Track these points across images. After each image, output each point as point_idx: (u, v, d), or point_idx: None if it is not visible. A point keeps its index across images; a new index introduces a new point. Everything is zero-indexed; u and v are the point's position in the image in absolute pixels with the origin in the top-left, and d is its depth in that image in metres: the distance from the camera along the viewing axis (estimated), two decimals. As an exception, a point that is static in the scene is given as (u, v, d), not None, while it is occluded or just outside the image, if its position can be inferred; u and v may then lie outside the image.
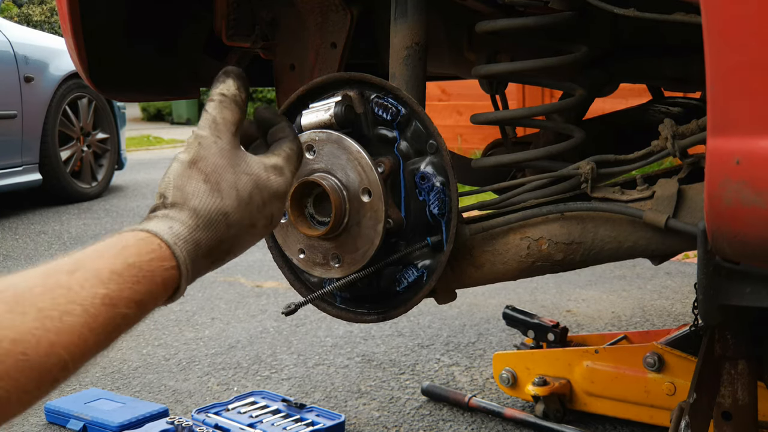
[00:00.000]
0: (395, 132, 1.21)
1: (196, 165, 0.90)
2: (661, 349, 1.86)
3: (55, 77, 5.73)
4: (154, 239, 0.82)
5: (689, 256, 3.75)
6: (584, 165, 1.22)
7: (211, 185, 0.89)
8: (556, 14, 1.26)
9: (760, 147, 0.82)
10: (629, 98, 2.40)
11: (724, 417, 1.39)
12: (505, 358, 2.11)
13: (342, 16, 1.49)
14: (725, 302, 1.01)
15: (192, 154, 0.90)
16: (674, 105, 1.83)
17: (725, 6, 0.83)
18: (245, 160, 0.93)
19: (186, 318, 3.11)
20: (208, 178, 0.89)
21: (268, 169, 0.95)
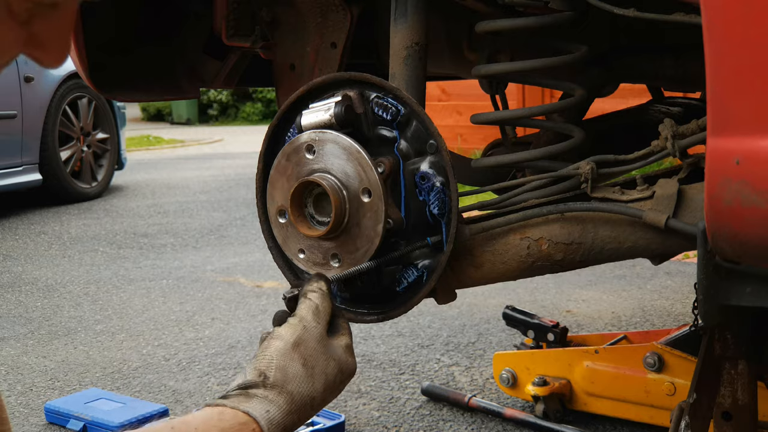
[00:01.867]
0: (395, 132, 1.21)
1: (298, 348, 0.98)
2: (661, 349, 1.86)
3: (55, 77, 5.73)
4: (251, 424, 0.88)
5: (689, 256, 3.75)
6: (584, 165, 1.22)
7: (308, 370, 0.97)
8: (556, 14, 1.26)
9: (760, 147, 0.82)
10: (629, 98, 2.40)
11: (724, 417, 1.39)
12: (505, 358, 2.11)
13: (342, 16, 1.49)
14: (725, 302, 1.01)
15: (296, 336, 0.99)
16: (674, 105, 1.83)
17: (725, 6, 0.83)
18: (332, 344, 1.03)
19: (186, 318, 3.11)
20: (307, 362, 0.97)
21: (346, 351, 1.04)
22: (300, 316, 1.02)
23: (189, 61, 1.75)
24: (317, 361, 0.98)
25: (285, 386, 0.94)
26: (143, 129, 16.30)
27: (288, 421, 0.93)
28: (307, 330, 1.00)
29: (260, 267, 3.95)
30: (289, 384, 0.94)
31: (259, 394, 0.92)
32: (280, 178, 1.23)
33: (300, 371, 0.96)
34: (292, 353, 0.97)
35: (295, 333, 0.99)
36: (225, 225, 5.14)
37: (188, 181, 7.42)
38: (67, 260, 4.20)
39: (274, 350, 0.97)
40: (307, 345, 0.99)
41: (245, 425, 0.87)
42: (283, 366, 0.95)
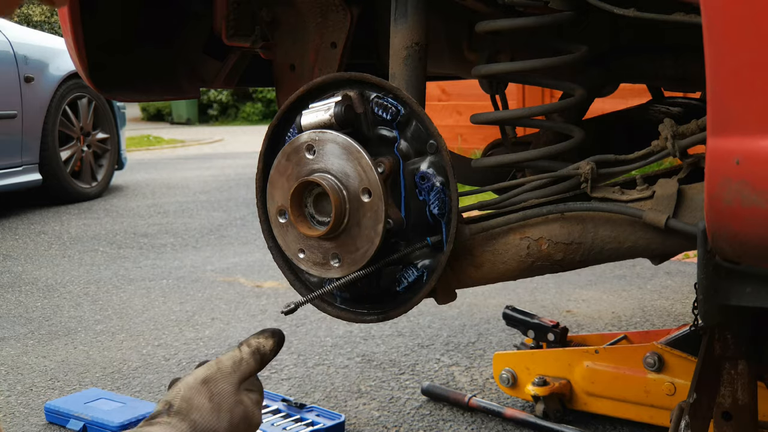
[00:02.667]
0: (395, 132, 1.21)
1: (207, 384, 1.03)
2: (661, 349, 1.86)
3: (55, 77, 5.73)
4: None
5: (689, 256, 3.75)
6: (584, 165, 1.22)
7: (214, 405, 1.01)
8: (556, 14, 1.26)
9: (760, 147, 0.82)
10: (629, 98, 2.40)
11: (724, 417, 1.39)
12: (505, 358, 2.11)
13: (342, 16, 1.49)
14: (725, 302, 1.01)
15: (208, 374, 1.04)
16: (674, 105, 1.83)
17: (725, 6, 0.83)
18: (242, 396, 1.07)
19: (186, 318, 3.11)
20: (213, 398, 1.01)
21: (254, 403, 1.09)
22: (219, 359, 1.07)
23: (189, 61, 1.75)
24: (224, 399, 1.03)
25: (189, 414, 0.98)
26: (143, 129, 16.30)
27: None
28: (221, 371, 1.05)
29: (260, 267, 3.95)
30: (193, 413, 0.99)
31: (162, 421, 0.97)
32: (280, 178, 1.23)
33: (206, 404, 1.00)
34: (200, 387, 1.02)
35: (207, 371, 1.05)
36: (225, 225, 5.14)
37: (188, 181, 7.42)
38: (67, 260, 4.20)
39: (184, 384, 1.03)
40: (217, 384, 1.04)
41: None
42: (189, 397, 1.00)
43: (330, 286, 1.23)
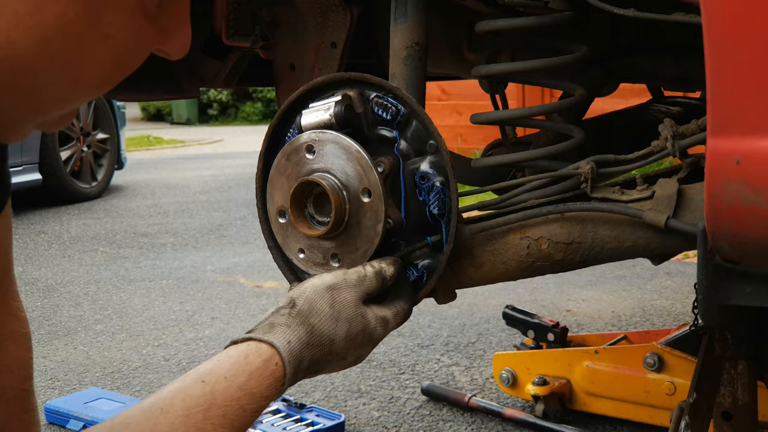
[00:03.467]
0: (395, 132, 1.21)
1: (331, 291, 1.04)
2: (661, 349, 1.86)
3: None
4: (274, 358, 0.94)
5: (689, 256, 3.75)
6: (584, 165, 1.22)
7: (334, 312, 1.02)
8: (556, 14, 1.26)
9: (760, 147, 0.82)
10: (629, 98, 2.40)
11: (724, 417, 1.39)
12: (505, 358, 2.11)
13: (342, 16, 1.49)
14: (725, 302, 1.01)
15: (334, 281, 1.05)
16: (674, 105, 1.83)
17: (725, 6, 0.83)
18: (365, 308, 1.07)
19: (186, 318, 3.11)
20: (335, 305, 1.03)
21: (378, 319, 1.08)
22: (345, 271, 1.08)
23: (189, 61, 1.75)
24: (344, 308, 1.03)
25: (308, 318, 0.99)
26: (143, 129, 16.29)
27: (305, 354, 0.97)
28: (346, 281, 1.06)
29: (260, 267, 3.95)
30: (313, 317, 0.99)
31: (283, 322, 0.98)
32: (279, 178, 1.23)
33: (326, 309, 1.01)
34: (324, 292, 1.03)
35: (334, 279, 1.05)
36: (225, 225, 5.14)
37: (188, 181, 7.42)
38: (67, 260, 4.20)
39: (310, 285, 1.04)
40: (340, 292, 1.04)
41: (268, 361, 0.93)
42: (313, 299, 1.01)
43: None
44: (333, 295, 1.03)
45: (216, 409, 0.86)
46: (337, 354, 1.02)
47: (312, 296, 1.02)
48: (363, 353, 1.08)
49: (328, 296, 1.03)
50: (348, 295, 1.05)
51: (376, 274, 1.10)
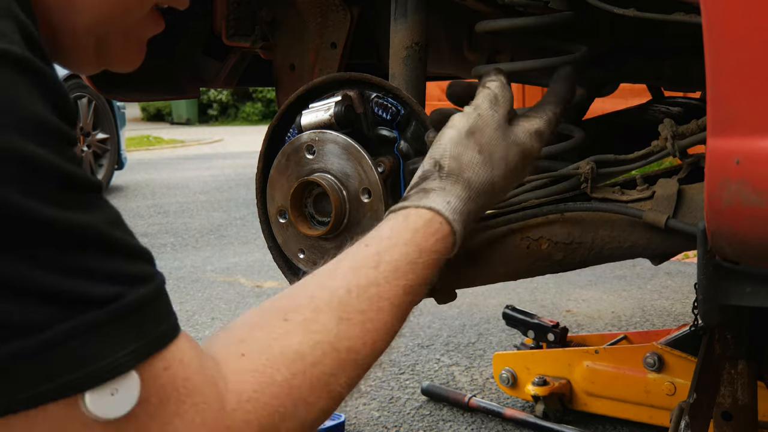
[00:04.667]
0: (395, 132, 1.21)
1: (473, 136, 0.94)
2: (661, 349, 1.86)
3: (55, 77, 5.72)
4: (436, 218, 0.87)
5: (689, 256, 3.75)
6: (584, 165, 1.22)
7: (485, 157, 0.93)
8: (556, 14, 1.26)
9: (760, 147, 0.82)
10: (629, 98, 2.40)
11: (724, 417, 1.39)
12: (505, 358, 2.11)
13: (342, 16, 1.49)
14: (725, 302, 1.01)
15: (471, 124, 0.94)
16: (674, 105, 1.83)
17: (725, 6, 0.83)
18: (514, 131, 0.97)
19: (186, 318, 3.11)
20: (483, 149, 0.93)
21: (532, 136, 0.99)
22: (476, 104, 0.97)
23: (189, 61, 1.75)
24: (495, 147, 0.94)
25: (461, 174, 0.92)
26: (143, 129, 16.30)
27: (471, 207, 0.91)
28: (482, 117, 0.95)
29: (260, 267, 3.95)
30: (465, 171, 0.92)
31: (436, 186, 0.91)
32: (279, 178, 1.23)
33: (476, 158, 0.93)
34: (466, 141, 0.94)
35: (469, 121, 0.95)
36: (225, 225, 5.14)
37: (188, 181, 7.42)
38: (67, 260, 4.20)
39: (448, 139, 0.94)
40: (483, 132, 0.94)
41: (431, 221, 0.87)
42: (458, 154, 0.93)
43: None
44: (477, 140, 0.93)
45: (385, 264, 0.81)
46: (502, 190, 0.97)
47: (455, 150, 0.92)
48: (526, 172, 1.01)
49: (473, 143, 0.93)
50: (491, 132, 0.94)
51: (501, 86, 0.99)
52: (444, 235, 0.88)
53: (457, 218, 0.89)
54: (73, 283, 0.56)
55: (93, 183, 0.60)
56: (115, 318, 0.58)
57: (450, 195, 0.90)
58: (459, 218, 0.89)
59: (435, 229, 0.87)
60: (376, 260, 0.82)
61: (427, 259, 0.85)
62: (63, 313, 0.55)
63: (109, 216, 0.61)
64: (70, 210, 0.56)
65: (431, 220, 0.87)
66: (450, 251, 0.89)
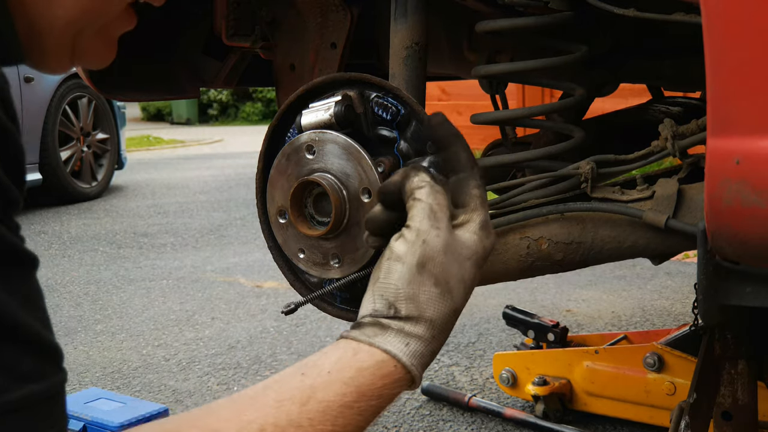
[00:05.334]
0: (395, 132, 1.21)
1: (425, 268, 0.84)
2: (661, 349, 1.86)
3: (55, 77, 5.73)
4: (390, 361, 0.79)
5: (689, 256, 3.75)
6: (584, 165, 1.22)
7: (442, 288, 0.84)
8: (556, 14, 1.26)
9: (760, 147, 0.82)
10: (629, 98, 2.41)
11: (724, 417, 1.39)
12: (505, 358, 2.11)
13: (342, 16, 1.49)
14: (725, 302, 1.01)
15: (418, 255, 0.84)
16: (674, 105, 1.83)
17: (725, 6, 0.83)
18: (461, 240, 0.87)
19: (186, 318, 3.11)
20: (438, 280, 0.84)
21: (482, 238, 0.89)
22: (415, 228, 0.86)
23: (189, 61, 1.75)
24: (450, 272, 0.84)
25: (422, 315, 0.83)
26: (143, 129, 16.29)
27: (435, 346, 0.82)
28: (428, 244, 0.85)
29: (260, 267, 3.95)
30: (426, 312, 0.83)
31: (394, 326, 0.82)
32: (279, 178, 1.23)
33: (433, 292, 0.84)
34: (419, 277, 0.84)
35: (416, 253, 0.85)
36: (225, 225, 5.14)
37: (188, 181, 7.42)
38: (67, 260, 4.20)
39: (398, 277, 0.84)
40: (434, 261, 0.84)
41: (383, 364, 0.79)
42: (413, 294, 0.83)
43: (330, 287, 1.23)
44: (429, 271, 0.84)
45: (314, 403, 0.73)
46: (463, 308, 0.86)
47: (410, 291, 0.83)
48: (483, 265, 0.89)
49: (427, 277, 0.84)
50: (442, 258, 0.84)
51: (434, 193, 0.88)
52: (396, 379, 0.79)
53: (417, 362, 0.80)
54: None
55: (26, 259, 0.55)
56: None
57: (410, 338, 0.81)
58: (419, 362, 0.81)
59: (385, 373, 0.79)
60: (306, 395, 0.74)
61: (365, 405, 0.77)
62: None
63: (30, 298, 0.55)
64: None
65: (383, 363, 0.79)
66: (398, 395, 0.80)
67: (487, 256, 0.89)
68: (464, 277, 0.86)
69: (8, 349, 0.52)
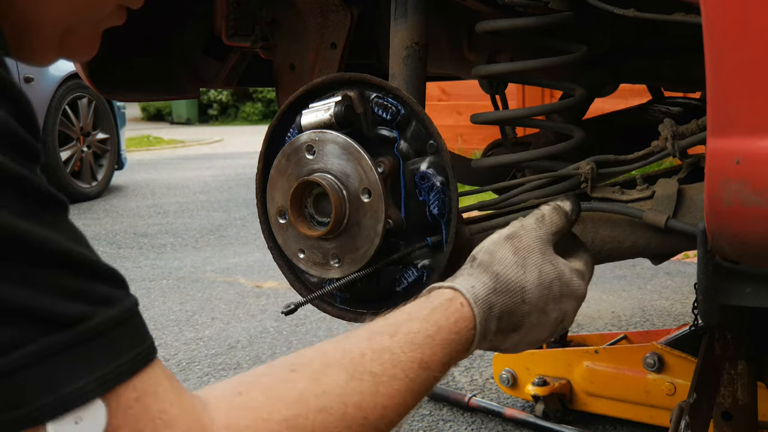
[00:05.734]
0: (395, 132, 1.21)
1: (511, 240, 0.95)
2: (661, 349, 1.86)
3: (55, 77, 5.73)
4: (457, 297, 0.87)
5: (689, 256, 3.75)
6: (584, 165, 1.22)
7: (518, 258, 0.93)
8: (556, 14, 1.26)
9: (760, 147, 0.82)
10: (629, 98, 2.40)
11: (724, 417, 1.39)
12: (505, 359, 2.11)
13: (342, 16, 1.49)
14: (725, 302, 1.01)
15: (512, 230, 0.97)
16: (674, 105, 1.83)
17: (725, 6, 0.83)
18: (554, 255, 0.98)
19: (186, 318, 3.11)
20: (518, 252, 0.94)
21: (572, 270, 0.99)
22: (521, 219, 1.01)
23: (189, 62, 1.75)
24: (530, 256, 0.95)
25: (491, 266, 0.92)
26: (143, 129, 16.29)
27: (494, 300, 0.90)
28: (524, 227, 0.98)
29: (260, 267, 3.95)
30: (495, 265, 0.92)
31: (464, 272, 0.93)
32: (279, 178, 1.23)
33: (509, 257, 0.93)
34: (503, 242, 0.95)
35: (511, 229, 0.98)
36: (225, 225, 5.14)
37: (188, 181, 7.42)
38: (67, 260, 4.20)
39: (488, 239, 0.97)
40: (521, 239, 0.96)
41: (451, 300, 0.87)
42: (492, 250, 0.94)
43: (330, 287, 1.23)
44: (514, 243, 0.95)
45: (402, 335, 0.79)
46: (534, 305, 0.93)
47: (491, 247, 0.95)
48: (567, 309, 0.98)
49: (509, 245, 0.95)
50: (530, 242, 0.96)
51: (554, 210, 1.01)
52: (464, 316, 0.87)
53: (479, 304, 0.88)
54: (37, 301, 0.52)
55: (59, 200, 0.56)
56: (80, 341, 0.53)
57: (475, 280, 0.90)
58: (481, 305, 0.88)
59: (455, 309, 0.86)
60: (393, 329, 0.80)
61: (445, 337, 0.83)
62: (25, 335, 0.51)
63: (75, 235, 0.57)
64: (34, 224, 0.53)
65: (452, 300, 0.87)
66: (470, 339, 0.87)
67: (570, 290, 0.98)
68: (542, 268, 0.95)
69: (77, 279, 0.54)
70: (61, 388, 0.52)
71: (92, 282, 0.56)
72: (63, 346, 0.53)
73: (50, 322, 0.52)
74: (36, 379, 0.51)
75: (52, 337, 0.52)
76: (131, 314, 0.59)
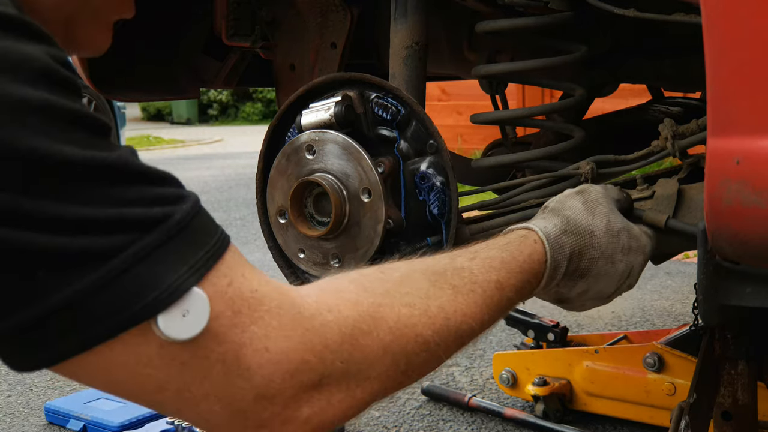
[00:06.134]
0: (395, 132, 1.21)
1: (581, 193, 1.04)
2: (661, 349, 1.86)
3: (55, 77, 5.72)
4: (531, 235, 0.95)
5: (689, 256, 3.75)
6: (584, 165, 1.22)
7: (587, 207, 1.01)
8: (556, 14, 1.26)
9: (760, 147, 0.82)
10: (629, 98, 2.40)
11: (724, 417, 1.39)
12: (505, 359, 2.11)
13: (342, 16, 1.49)
14: (725, 302, 1.01)
15: (581, 187, 1.06)
16: (674, 105, 1.83)
17: (725, 6, 0.83)
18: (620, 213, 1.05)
19: (186, 318, 3.11)
20: (587, 202, 1.02)
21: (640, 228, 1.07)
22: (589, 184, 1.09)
23: (189, 61, 1.75)
24: (598, 205, 1.02)
25: (561, 211, 0.99)
26: (143, 129, 16.29)
27: (564, 240, 0.96)
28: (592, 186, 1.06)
29: (260, 267, 3.93)
30: (565, 210, 1.00)
31: (537, 217, 1.00)
32: (280, 178, 1.23)
33: (578, 205, 1.01)
34: (573, 194, 1.03)
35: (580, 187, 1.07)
36: (225, 225, 5.12)
37: (188, 181, 7.40)
38: (67, 260, 4.20)
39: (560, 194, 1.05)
40: (590, 194, 1.03)
41: (526, 237, 0.94)
42: (562, 200, 1.02)
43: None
44: (584, 195, 1.03)
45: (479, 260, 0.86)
46: (602, 251, 0.99)
47: (561, 198, 1.03)
48: (634, 263, 1.04)
49: (579, 196, 1.03)
50: (598, 196, 1.03)
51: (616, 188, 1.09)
52: (537, 250, 0.93)
53: (551, 242, 0.95)
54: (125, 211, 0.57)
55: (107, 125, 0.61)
56: (169, 237, 0.59)
57: (547, 222, 0.97)
58: (552, 243, 0.95)
59: (528, 244, 0.93)
60: (471, 255, 0.87)
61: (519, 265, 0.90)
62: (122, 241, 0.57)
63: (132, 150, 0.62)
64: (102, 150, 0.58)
65: (526, 236, 0.94)
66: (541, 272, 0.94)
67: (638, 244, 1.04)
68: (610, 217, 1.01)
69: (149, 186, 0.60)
70: (162, 282, 0.57)
71: (162, 186, 0.61)
72: (157, 243, 0.58)
73: (142, 225, 0.58)
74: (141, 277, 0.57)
75: (145, 239, 0.58)
76: (199, 206, 0.65)
